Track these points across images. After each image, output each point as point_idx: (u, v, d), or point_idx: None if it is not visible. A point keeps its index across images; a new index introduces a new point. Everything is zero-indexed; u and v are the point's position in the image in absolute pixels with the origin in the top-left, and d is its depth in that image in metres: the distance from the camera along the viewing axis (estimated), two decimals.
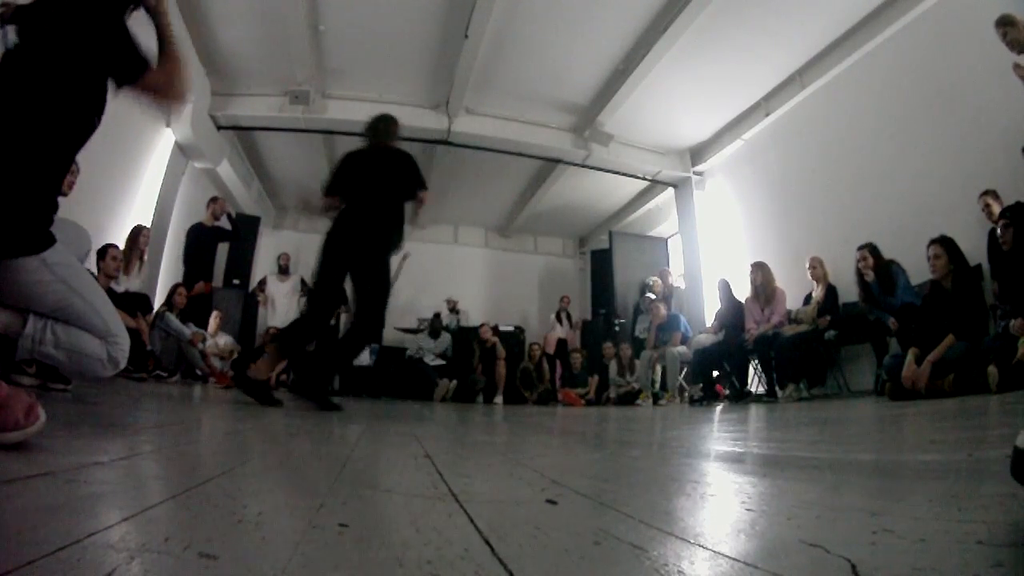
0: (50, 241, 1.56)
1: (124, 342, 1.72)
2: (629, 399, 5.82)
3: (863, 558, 0.47)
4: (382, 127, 3.36)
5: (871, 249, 4.10)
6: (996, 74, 3.62)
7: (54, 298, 1.60)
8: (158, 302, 5.40)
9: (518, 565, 0.46)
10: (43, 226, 1.56)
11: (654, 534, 0.58)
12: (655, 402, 5.56)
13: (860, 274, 4.10)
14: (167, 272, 5.97)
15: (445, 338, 7.44)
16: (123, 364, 1.72)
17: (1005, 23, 3.11)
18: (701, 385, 5.06)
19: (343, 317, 6.76)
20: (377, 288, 3.00)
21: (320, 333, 3.10)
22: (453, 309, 8.45)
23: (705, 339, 5.31)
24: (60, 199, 1.66)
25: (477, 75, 5.82)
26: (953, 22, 4.20)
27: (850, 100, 5.19)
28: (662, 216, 8.58)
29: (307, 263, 8.25)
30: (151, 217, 5.52)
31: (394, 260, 3.26)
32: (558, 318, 8.44)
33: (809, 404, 3.85)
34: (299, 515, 0.61)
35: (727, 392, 4.94)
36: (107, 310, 1.71)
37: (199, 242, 5.90)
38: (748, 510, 0.71)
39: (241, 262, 7.22)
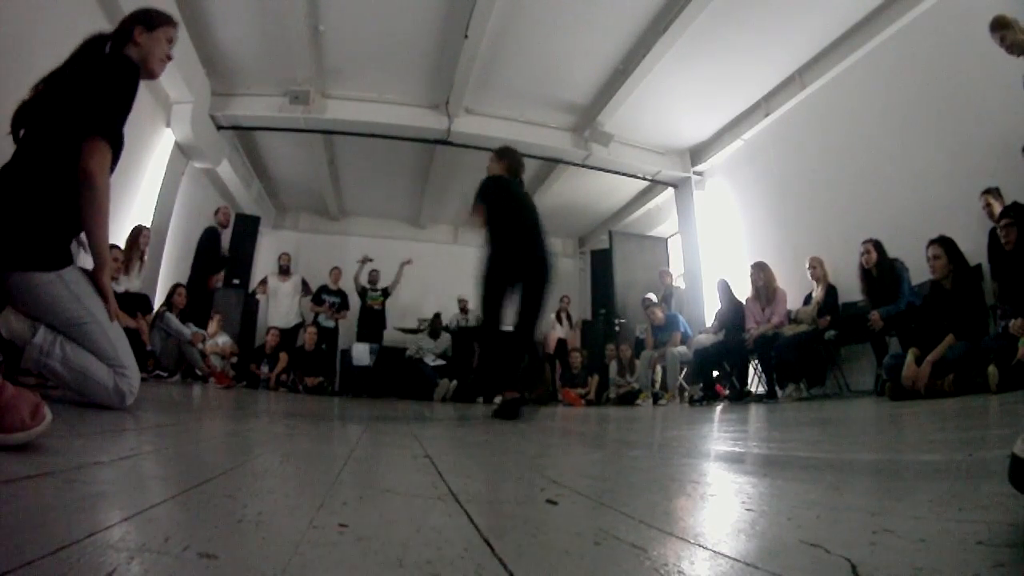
0: (67, 261, 1.63)
1: (134, 376, 1.71)
2: (629, 399, 5.82)
3: (863, 558, 0.47)
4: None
5: (875, 244, 4.11)
6: (996, 74, 3.62)
7: (67, 314, 1.62)
8: (158, 302, 5.40)
9: (518, 565, 0.46)
10: (59, 246, 1.63)
11: (654, 534, 0.58)
12: (655, 402, 5.56)
13: (863, 267, 4.11)
14: (167, 272, 5.99)
15: (445, 338, 7.45)
16: (130, 399, 1.70)
17: (1001, 26, 3.02)
18: (701, 385, 5.06)
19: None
20: None
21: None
22: (464, 309, 8.41)
23: (705, 339, 5.31)
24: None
25: (477, 75, 5.83)
26: (953, 22, 4.20)
27: (850, 100, 5.19)
28: (662, 216, 8.58)
29: (307, 263, 8.35)
30: (151, 217, 5.52)
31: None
32: (558, 318, 8.43)
33: (809, 404, 3.85)
34: (299, 515, 0.61)
35: (727, 392, 4.94)
36: (119, 338, 1.72)
37: (214, 245, 6.04)
38: (748, 510, 0.71)
39: (241, 262, 7.22)
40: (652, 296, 6.66)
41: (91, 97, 1.60)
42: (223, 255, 6.40)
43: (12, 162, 1.61)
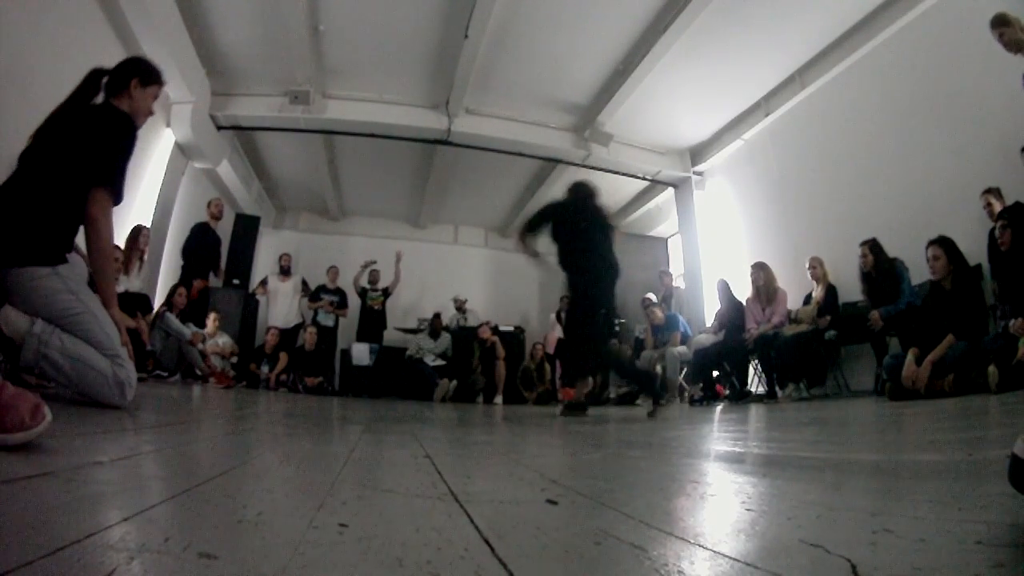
0: (63, 260, 1.75)
1: (130, 369, 1.77)
2: (629, 399, 5.82)
3: (863, 558, 0.47)
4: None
5: (871, 246, 4.10)
6: (996, 74, 3.62)
7: (62, 306, 1.70)
8: (158, 302, 5.40)
9: (518, 565, 0.46)
10: (56, 246, 1.76)
11: (654, 534, 0.58)
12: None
13: (863, 270, 4.11)
14: (167, 272, 5.98)
15: (445, 338, 7.44)
16: (130, 393, 1.74)
17: (1000, 23, 3.05)
18: (701, 385, 5.06)
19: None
20: None
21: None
22: (460, 308, 8.40)
23: (705, 339, 5.31)
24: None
25: (477, 75, 5.82)
26: (953, 22, 4.20)
27: (850, 100, 5.19)
28: (662, 216, 8.58)
29: (307, 263, 8.36)
30: (151, 217, 5.52)
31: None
32: (558, 318, 8.42)
33: (809, 404, 3.85)
34: (299, 515, 0.61)
35: (727, 392, 4.94)
36: (114, 333, 1.78)
37: (202, 241, 5.99)
38: (748, 510, 0.71)
39: (241, 262, 7.22)
40: (652, 296, 6.65)
41: (95, 153, 1.78)
42: (217, 255, 6.30)
43: (17, 179, 1.76)
